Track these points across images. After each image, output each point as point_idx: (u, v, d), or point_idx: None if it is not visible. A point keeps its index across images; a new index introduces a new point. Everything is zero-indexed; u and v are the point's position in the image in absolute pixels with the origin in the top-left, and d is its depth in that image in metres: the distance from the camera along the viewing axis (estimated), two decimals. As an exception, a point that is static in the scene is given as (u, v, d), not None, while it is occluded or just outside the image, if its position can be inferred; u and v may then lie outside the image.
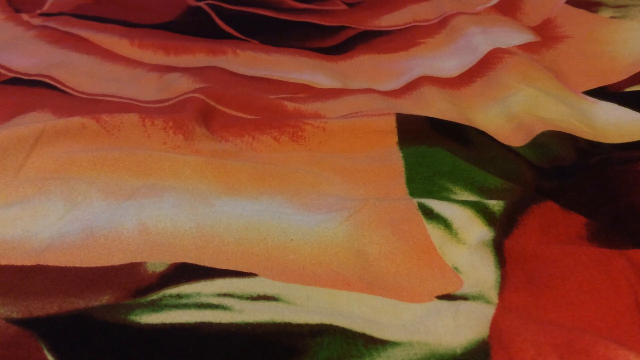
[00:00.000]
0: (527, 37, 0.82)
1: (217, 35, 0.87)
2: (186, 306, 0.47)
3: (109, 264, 0.51)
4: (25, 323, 0.46)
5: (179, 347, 0.44)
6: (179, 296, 0.48)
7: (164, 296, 0.48)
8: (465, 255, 0.53)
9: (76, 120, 0.63)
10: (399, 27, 0.89)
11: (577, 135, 0.65)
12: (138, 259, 0.51)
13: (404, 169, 0.62)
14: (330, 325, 0.46)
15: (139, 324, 0.46)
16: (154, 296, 0.48)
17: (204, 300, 0.48)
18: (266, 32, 0.88)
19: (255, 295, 0.48)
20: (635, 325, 0.46)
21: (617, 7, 0.86)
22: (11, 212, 0.55)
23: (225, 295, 0.48)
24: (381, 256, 0.52)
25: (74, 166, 0.59)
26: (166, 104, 0.71)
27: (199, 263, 0.51)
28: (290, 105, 0.71)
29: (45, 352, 0.44)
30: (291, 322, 0.46)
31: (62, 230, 0.53)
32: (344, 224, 0.54)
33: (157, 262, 0.51)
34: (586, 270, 0.51)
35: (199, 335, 0.45)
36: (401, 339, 0.45)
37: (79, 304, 0.47)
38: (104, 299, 0.48)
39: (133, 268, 0.50)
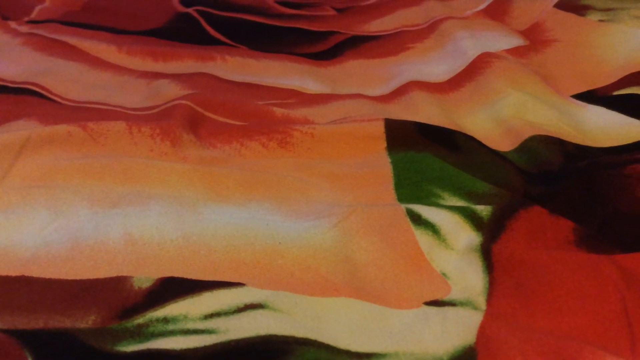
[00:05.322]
0: (516, 41, 0.82)
1: (205, 41, 0.87)
2: (172, 333, 0.46)
3: (95, 277, 0.50)
4: (11, 332, 0.46)
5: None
6: (165, 320, 0.47)
7: (151, 320, 0.47)
8: (454, 260, 0.53)
9: (62, 127, 0.63)
10: (388, 32, 0.89)
11: (565, 139, 0.65)
12: (124, 272, 0.51)
13: (392, 175, 0.61)
14: (316, 341, 0.45)
15: (125, 352, 0.45)
16: (140, 319, 0.47)
17: (190, 326, 0.47)
18: (255, 38, 0.88)
19: (242, 305, 0.48)
20: (622, 332, 0.46)
21: (605, 10, 0.86)
22: (-5, 221, 0.54)
23: (211, 315, 0.48)
24: (369, 262, 0.52)
25: (60, 174, 0.59)
26: (154, 111, 0.70)
27: (185, 276, 0.50)
28: (278, 111, 0.71)
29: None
30: (276, 334, 0.46)
31: (46, 240, 0.53)
32: (332, 231, 0.54)
33: (143, 277, 0.50)
34: (574, 276, 0.50)
35: None
36: (387, 350, 0.45)
37: (65, 322, 0.47)
38: (90, 320, 0.47)
39: (119, 283, 0.50)
